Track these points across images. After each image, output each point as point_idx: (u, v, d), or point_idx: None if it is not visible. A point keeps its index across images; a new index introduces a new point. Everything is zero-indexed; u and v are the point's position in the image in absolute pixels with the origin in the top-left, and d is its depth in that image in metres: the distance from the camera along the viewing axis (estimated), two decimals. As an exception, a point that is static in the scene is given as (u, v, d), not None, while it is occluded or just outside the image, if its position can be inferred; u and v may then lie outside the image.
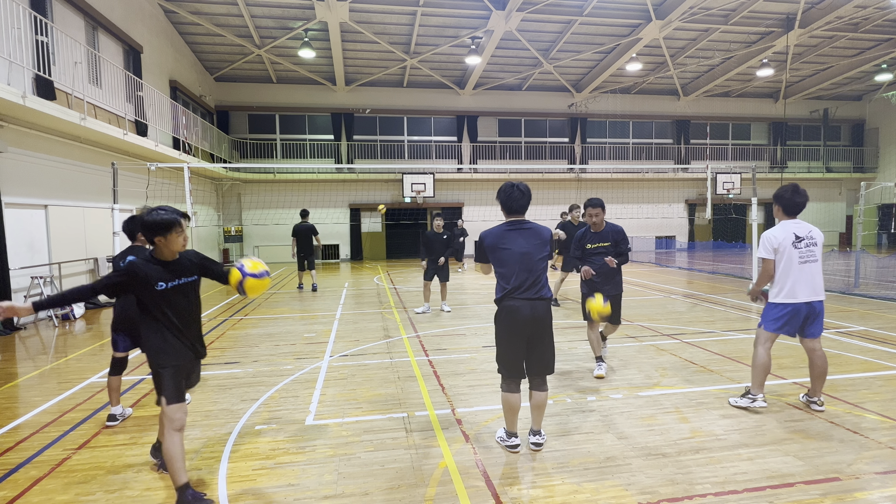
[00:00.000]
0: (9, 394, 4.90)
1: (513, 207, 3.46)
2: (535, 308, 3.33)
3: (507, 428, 3.51)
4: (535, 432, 3.52)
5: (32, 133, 8.80)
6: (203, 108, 18.58)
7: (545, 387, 3.46)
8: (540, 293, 3.36)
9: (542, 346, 3.38)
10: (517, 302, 3.34)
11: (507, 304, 3.37)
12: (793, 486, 2.94)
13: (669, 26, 15.96)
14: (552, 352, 3.43)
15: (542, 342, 3.38)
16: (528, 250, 3.38)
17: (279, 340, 6.88)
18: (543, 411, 3.51)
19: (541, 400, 3.45)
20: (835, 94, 24.10)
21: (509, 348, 3.37)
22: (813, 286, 3.91)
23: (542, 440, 3.52)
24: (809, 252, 3.91)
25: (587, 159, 22.79)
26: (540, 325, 3.34)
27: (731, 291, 10.58)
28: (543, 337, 3.37)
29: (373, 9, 15.10)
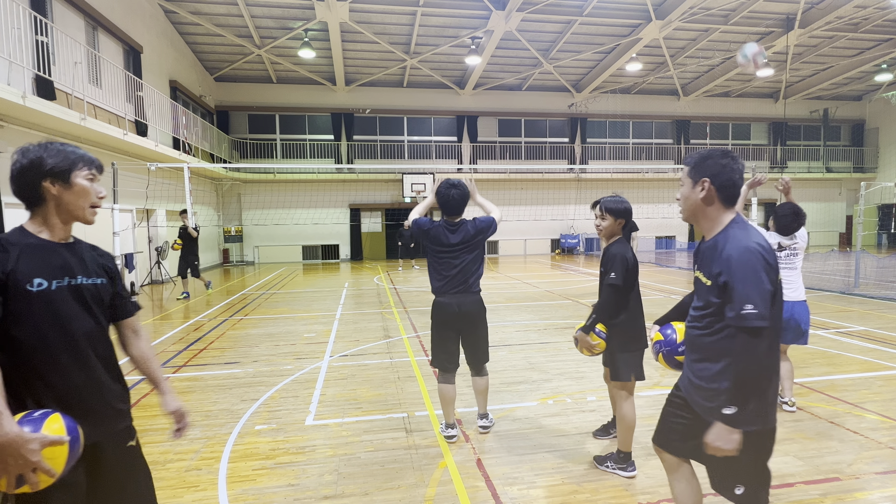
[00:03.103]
0: (9, 394, 4.89)
1: (448, 210, 3.52)
2: (462, 304, 3.48)
3: (445, 420, 3.68)
4: (482, 416, 3.78)
5: (32, 133, 8.80)
6: (203, 108, 18.58)
7: (484, 372, 3.71)
8: (469, 289, 3.51)
9: (474, 338, 3.59)
10: (446, 298, 3.49)
11: (438, 300, 3.55)
12: (793, 486, 2.94)
13: (669, 26, 15.96)
14: (485, 343, 3.66)
15: (474, 335, 3.58)
16: (461, 248, 3.50)
17: (279, 340, 6.88)
18: (486, 396, 3.78)
19: (481, 385, 3.71)
20: (835, 94, 24.10)
21: (440, 343, 3.56)
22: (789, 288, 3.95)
23: (489, 423, 3.76)
24: (790, 261, 4.04)
25: (587, 159, 22.80)
26: (469, 319, 3.52)
27: (731, 291, 10.57)
28: (474, 330, 3.56)
29: (373, 9, 15.10)
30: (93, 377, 1.61)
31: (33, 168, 1.56)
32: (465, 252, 3.49)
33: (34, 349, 1.49)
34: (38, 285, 1.51)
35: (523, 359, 5.72)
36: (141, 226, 13.31)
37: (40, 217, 1.61)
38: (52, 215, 1.61)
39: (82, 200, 1.64)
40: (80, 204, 1.64)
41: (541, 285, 12.14)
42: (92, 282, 1.66)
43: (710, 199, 1.80)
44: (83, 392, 1.58)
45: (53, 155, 1.58)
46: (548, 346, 6.29)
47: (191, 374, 5.41)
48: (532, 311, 8.67)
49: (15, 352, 1.47)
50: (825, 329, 6.89)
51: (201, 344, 6.77)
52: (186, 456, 3.48)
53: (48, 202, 1.59)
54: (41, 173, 1.57)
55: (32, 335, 1.50)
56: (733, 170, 1.78)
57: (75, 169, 1.61)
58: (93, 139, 10.34)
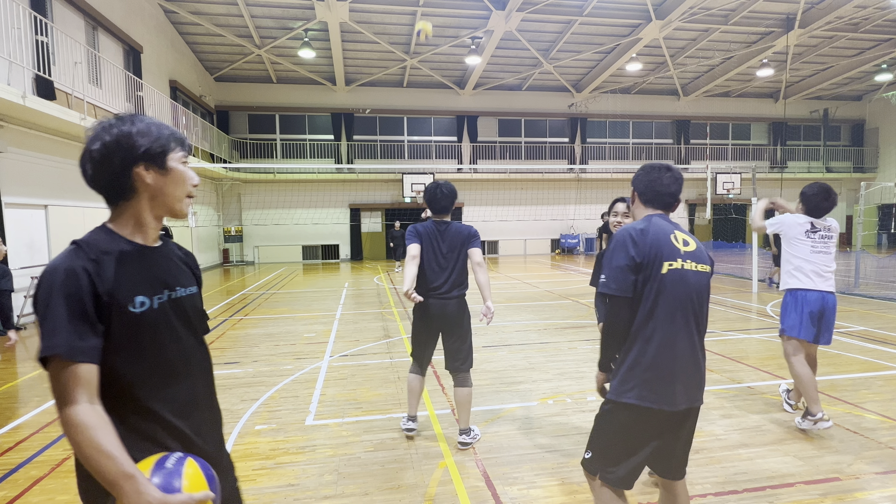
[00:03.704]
0: (9, 394, 4.90)
1: (436, 208, 3.56)
2: (444, 306, 3.49)
3: (408, 412, 3.70)
4: (462, 431, 3.55)
5: (32, 133, 8.80)
6: (203, 108, 18.58)
7: (468, 383, 3.55)
8: (453, 292, 3.51)
9: (454, 341, 3.54)
10: (431, 299, 3.49)
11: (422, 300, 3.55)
12: (793, 486, 2.94)
13: (669, 26, 15.96)
14: (467, 347, 3.56)
15: (454, 337, 3.54)
16: (446, 251, 3.51)
17: (279, 340, 6.88)
18: (468, 409, 3.55)
19: (462, 397, 3.53)
20: (835, 94, 24.10)
21: (418, 340, 3.62)
22: (825, 276, 3.65)
23: (469, 439, 3.53)
24: (824, 244, 3.67)
25: (587, 159, 22.79)
26: (450, 321, 3.51)
27: (731, 291, 10.58)
28: (454, 333, 3.54)
29: (373, 9, 15.10)
30: (201, 406, 1.36)
31: (122, 150, 1.21)
32: (451, 256, 3.52)
33: (137, 382, 1.21)
34: (140, 305, 1.21)
35: (523, 359, 5.72)
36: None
37: (129, 214, 1.27)
38: (145, 211, 1.28)
39: (180, 190, 1.32)
40: (178, 194, 1.32)
41: (541, 285, 12.14)
42: (188, 292, 1.38)
43: (633, 199, 2.23)
44: (195, 425, 1.32)
45: (145, 133, 1.24)
46: (548, 346, 6.29)
47: (191, 374, 5.40)
48: (532, 311, 8.67)
49: (112, 384, 1.18)
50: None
51: (201, 344, 6.76)
52: (186, 456, 3.48)
53: (140, 194, 1.26)
54: (133, 156, 1.22)
55: (135, 365, 1.21)
56: (652, 179, 2.11)
57: (170, 150, 1.29)
58: (93, 139, 10.34)
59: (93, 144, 1.21)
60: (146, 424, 1.21)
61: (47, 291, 1.12)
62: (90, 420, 1.09)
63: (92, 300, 1.14)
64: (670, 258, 1.96)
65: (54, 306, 1.11)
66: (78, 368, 1.11)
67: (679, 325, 1.94)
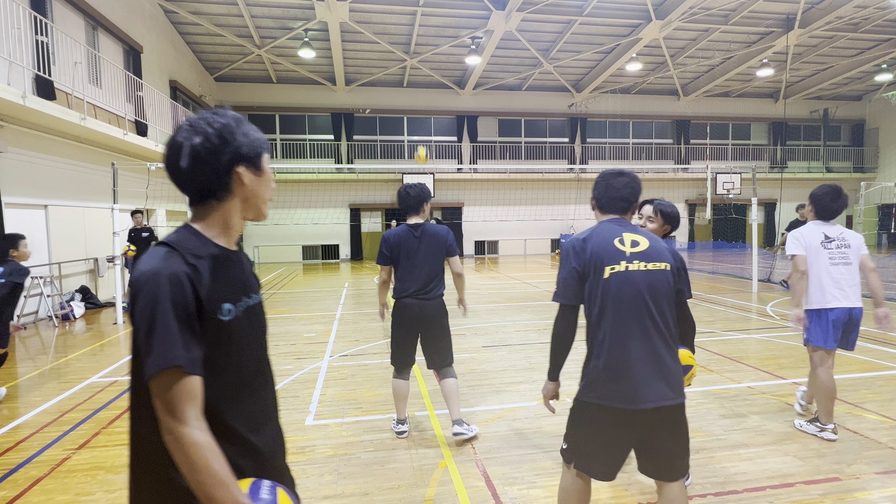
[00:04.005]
0: (9, 394, 4.90)
1: (403, 207, 3.68)
2: (423, 307, 3.59)
3: (397, 415, 3.76)
4: (456, 422, 3.60)
5: (32, 133, 8.80)
6: (203, 108, 18.59)
7: (452, 374, 3.68)
8: (431, 293, 3.62)
9: (434, 340, 3.66)
10: (409, 300, 3.60)
11: (401, 301, 3.64)
12: (793, 486, 2.94)
13: (669, 26, 15.96)
14: (447, 344, 3.71)
15: (434, 336, 3.66)
16: (423, 253, 3.60)
17: (279, 340, 6.88)
18: (457, 399, 3.64)
19: (450, 387, 3.64)
20: (835, 94, 24.10)
21: (398, 343, 3.67)
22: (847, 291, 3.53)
23: (464, 430, 3.57)
24: (841, 254, 3.53)
25: (587, 159, 22.79)
26: (430, 322, 3.62)
27: (731, 291, 10.58)
28: (435, 332, 3.65)
29: (373, 9, 15.10)
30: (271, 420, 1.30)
31: (229, 147, 1.16)
32: (428, 258, 3.61)
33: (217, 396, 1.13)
34: (227, 312, 1.15)
35: (523, 359, 5.72)
36: (141, 226, 13.30)
37: (219, 215, 1.20)
38: (236, 213, 1.22)
39: (268, 192, 1.28)
40: (266, 197, 1.27)
41: (541, 285, 12.14)
42: (259, 299, 1.31)
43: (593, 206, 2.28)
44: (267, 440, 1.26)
45: (245, 132, 1.20)
46: (548, 346, 6.29)
47: (191, 374, 5.40)
48: (532, 311, 8.67)
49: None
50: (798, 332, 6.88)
51: (201, 344, 6.76)
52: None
53: (234, 195, 1.20)
54: (238, 155, 1.18)
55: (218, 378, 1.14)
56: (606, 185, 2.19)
57: (263, 151, 1.24)
58: (93, 139, 10.34)
59: (194, 138, 1.13)
60: (223, 443, 1.10)
61: (152, 299, 1.04)
62: (206, 441, 1.03)
63: (195, 308, 1.08)
64: (612, 262, 2.03)
65: (163, 315, 1.04)
66: (190, 382, 1.04)
67: (630, 326, 1.98)
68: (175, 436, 1.02)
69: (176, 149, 1.14)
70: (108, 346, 6.82)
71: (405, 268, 3.61)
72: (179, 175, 1.16)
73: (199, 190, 1.18)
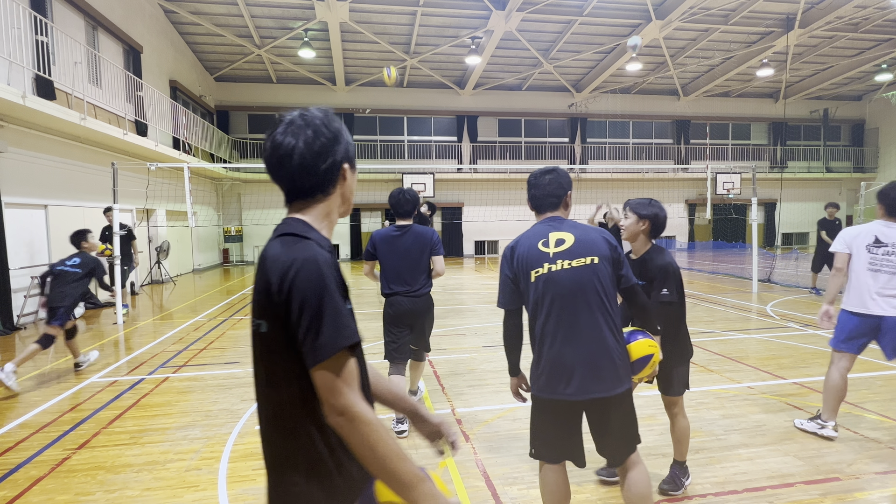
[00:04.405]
0: (9, 394, 4.90)
1: (399, 212, 3.85)
2: (415, 303, 3.83)
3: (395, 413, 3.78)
4: (412, 391, 4.21)
5: (32, 133, 8.80)
6: (203, 108, 18.58)
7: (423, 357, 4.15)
8: (420, 290, 3.85)
9: (422, 332, 3.98)
10: (399, 297, 3.82)
11: (391, 299, 3.85)
12: (793, 486, 2.94)
13: (669, 26, 15.96)
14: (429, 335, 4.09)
15: (423, 329, 3.98)
16: (411, 253, 3.80)
17: (279, 340, 6.87)
18: (419, 374, 4.24)
19: (418, 365, 4.17)
20: (835, 94, 24.09)
21: (394, 339, 3.88)
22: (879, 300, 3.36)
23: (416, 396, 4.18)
24: (888, 261, 3.34)
25: (587, 159, 22.79)
26: (421, 316, 3.89)
27: (731, 291, 10.58)
28: (424, 325, 3.97)
29: (373, 9, 15.10)
30: None
31: (341, 145, 1.21)
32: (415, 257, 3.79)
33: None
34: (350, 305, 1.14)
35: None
36: (141, 226, 13.31)
37: (323, 209, 1.22)
38: (335, 208, 1.24)
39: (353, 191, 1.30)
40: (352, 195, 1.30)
41: (541, 285, 12.11)
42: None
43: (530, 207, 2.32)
44: None
45: (346, 132, 1.26)
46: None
47: (191, 374, 5.41)
48: (532, 311, 8.65)
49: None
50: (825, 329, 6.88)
51: (201, 344, 6.77)
52: (186, 456, 3.48)
53: (336, 190, 1.23)
54: (347, 153, 1.23)
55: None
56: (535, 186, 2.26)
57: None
58: (93, 139, 10.34)
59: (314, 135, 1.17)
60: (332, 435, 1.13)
61: (318, 283, 1.05)
62: (377, 418, 1.04)
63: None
64: (535, 266, 2.13)
65: (331, 296, 1.05)
66: (354, 361, 1.06)
67: (561, 323, 2.07)
68: (350, 415, 1.02)
69: (290, 145, 1.16)
70: (108, 345, 6.82)
71: (393, 267, 3.80)
72: (292, 170, 1.17)
73: (311, 185, 1.19)
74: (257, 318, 1.11)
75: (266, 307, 1.08)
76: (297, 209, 1.21)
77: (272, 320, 1.07)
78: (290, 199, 1.23)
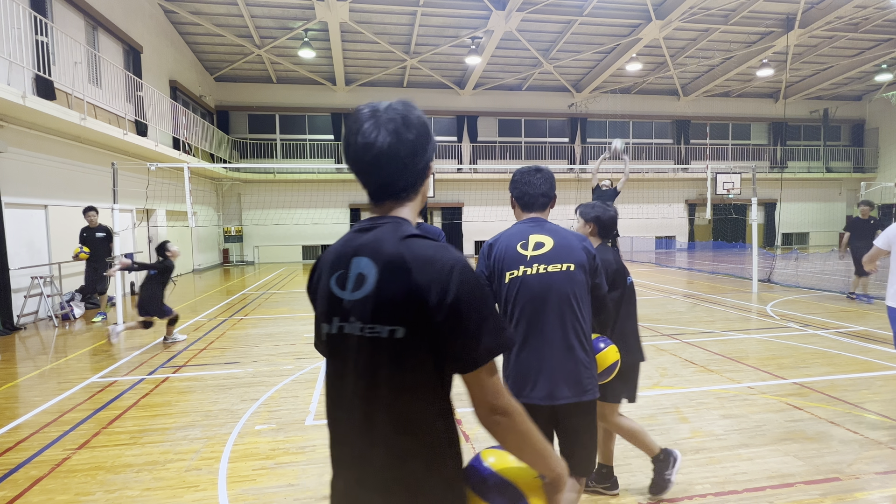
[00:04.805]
0: (9, 394, 4.90)
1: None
2: None
3: None
4: None
5: (32, 133, 8.80)
6: (203, 108, 18.58)
7: None
8: None
9: None
10: None
11: None
12: (793, 486, 2.94)
13: (669, 26, 15.96)
14: None
15: None
16: None
17: (279, 340, 6.88)
18: None
19: None
20: (835, 94, 24.10)
21: None
22: None
23: None
24: None
25: (587, 159, 22.79)
26: None
27: (731, 291, 10.58)
28: None
29: (373, 9, 15.10)
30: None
31: (431, 142, 1.17)
32: None
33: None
34: None
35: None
36: (141, 226, 13.31)
37: (412, 208, 1.20)
38: (419, 206, 1.23)
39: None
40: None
41: (541, 285, 12.12)
42: None
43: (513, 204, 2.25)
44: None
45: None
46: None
47: (191, 374, 5.41)
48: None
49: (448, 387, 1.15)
50: (825, 329, 6.89)
51: (201, 344, 6.77)
52: (186, 456, 3.48)
53: (421, 189, 1.20)
54: (434, 150, 1.19)
55: None
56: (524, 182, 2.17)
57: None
58: (93, 139, 10.34)
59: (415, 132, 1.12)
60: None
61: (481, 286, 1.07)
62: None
63: None
64: (511, 268, 2.07)
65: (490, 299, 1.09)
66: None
67: (532, 329, 2.03)
68: (510, 412, 1.08)
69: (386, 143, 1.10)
70: (108, 345, 6.82)
71: None
72: (389, 169, 1.12)
73: (406, 184, 1.16)
74: (389, 324, 1.04)
75: (409, 312, 1.03)
76: (388, 209, 1.17)
77: (415, 325, 1.03)
78: (379, 198, 1.18)
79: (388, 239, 1.09)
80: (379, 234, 1.11)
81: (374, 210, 1.19)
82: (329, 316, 1.13)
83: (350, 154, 1.14)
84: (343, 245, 1.16)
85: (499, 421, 1.07)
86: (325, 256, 1.20)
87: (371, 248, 1.10)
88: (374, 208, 1.19)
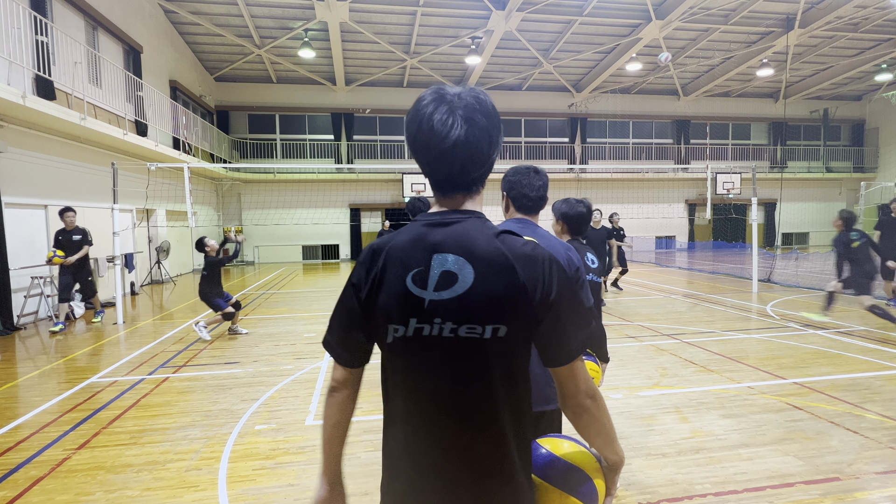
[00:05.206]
0: (9, 394, 4.90)
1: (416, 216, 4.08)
2: None
3: None
4: None
5: (32, 133, 8.80)
6: (203, 108, 18.58)
7: None
8: None
9: None
10: None
11: None
12: (793, 486, 2.94)
13: (669, 26, 15.96)
14: None
15: None
16: None
17: (279, 340, 6.88)
18: None
19: None
20: (835, 94, 24.09)
21: None
22: None
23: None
24: None
25: (587, 159, 22.80)
26: None
27: (731, 291, 10.58)
28: None
29: (373, 9, 15.10)
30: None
31: (501, 133, 1.13)
32: None
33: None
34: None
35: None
36: (141, 226, 13.32)
37: (480, 200, 1.16)
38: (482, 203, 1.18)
39: None
40: None
41: (541, 285, 12.11)
42: None
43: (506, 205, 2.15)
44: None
45: None
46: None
47: (191, 374, 5.41)
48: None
49: None
50: (825, 329, 6.89)
51: (201, 344, 6.77)
52: (186, 456, 3.48)
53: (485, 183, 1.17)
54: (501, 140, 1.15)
55: None
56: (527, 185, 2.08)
57: None
58: (93, 139, 10.34)
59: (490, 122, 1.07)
60: None
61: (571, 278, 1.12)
62: None
63: None
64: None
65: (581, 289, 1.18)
66: None
67: None
68: (597, 395, 1.13)
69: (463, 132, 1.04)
70: (108, 345, 6.82)
71: None
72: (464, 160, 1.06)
73: (478, 176, 1.11)
74: (491, 322, 1.02)
75: (513, 310, 1.02)
76: (459, 202, 1.11)
77: (518, 322, 1.02)
78: (448, 189, 1.11)
79: (477, 236, 1.05)
80: (462, 230, 1.06)
81: (441, 202, 1.12)
82: (405, 317, 1.06)
83: (421, 141, 1.07)
84: (415, 240, 1.08)
85: (589, 405, 1.10)
86: (391, 252, 1.09)
87: (457, 245, 1.04)
88: (442, 200, 1.12)
